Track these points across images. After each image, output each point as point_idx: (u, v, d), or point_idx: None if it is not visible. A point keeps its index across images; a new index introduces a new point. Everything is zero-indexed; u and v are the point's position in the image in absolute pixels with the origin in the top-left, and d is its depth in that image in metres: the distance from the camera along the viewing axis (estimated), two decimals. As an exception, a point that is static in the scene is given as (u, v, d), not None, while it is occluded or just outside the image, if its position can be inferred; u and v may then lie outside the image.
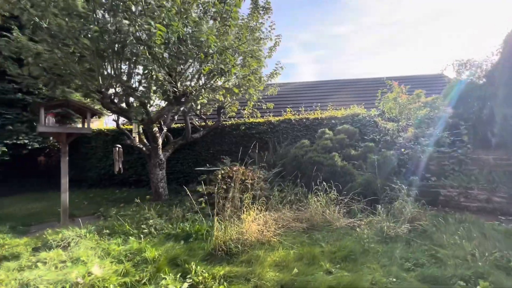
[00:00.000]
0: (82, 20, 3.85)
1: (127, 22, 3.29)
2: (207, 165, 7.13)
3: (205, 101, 5.36)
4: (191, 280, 2.51)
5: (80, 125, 9.38)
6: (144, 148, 6.53)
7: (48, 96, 7.56)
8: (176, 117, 7.39)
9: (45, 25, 3.68)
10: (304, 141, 6.15)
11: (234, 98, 7.77)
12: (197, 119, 8.78)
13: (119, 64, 4.49)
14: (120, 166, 5.89)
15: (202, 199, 5.07)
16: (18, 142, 7.21)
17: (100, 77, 4.64)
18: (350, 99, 10.26)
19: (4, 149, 6.99)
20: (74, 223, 5.11)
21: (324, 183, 4.47)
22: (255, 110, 8.68)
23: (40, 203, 6.64)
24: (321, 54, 43.52)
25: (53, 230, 4.16)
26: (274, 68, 7.60)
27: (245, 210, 3.72)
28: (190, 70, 4.75)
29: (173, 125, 8.68)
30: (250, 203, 4.51)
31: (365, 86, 11.48)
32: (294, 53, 40.21)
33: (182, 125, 8.69)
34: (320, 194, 4.25)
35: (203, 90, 4.71)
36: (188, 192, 5.04)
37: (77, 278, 2.54)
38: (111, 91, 5.33)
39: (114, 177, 8.78)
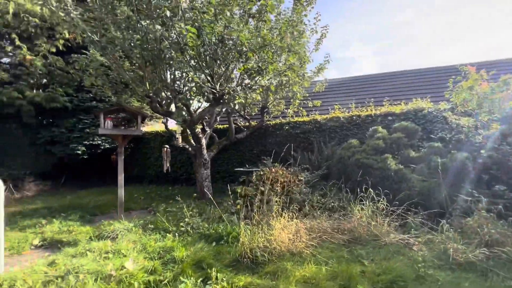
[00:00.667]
0: (130, 31, 4.20)
1: (159, 27, 3.43)
2: (246, 165, 7.07)
3: (242, 101, 5.27)
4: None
5: (145, 129, 10.53)
6: (189, 148, 6.86)
7: (117, 103, 8.70)
8: (218, 118, 7.54)
9: (107, 37, 4.16)
10: (352, 141, 5.51)
11: (278, 97, 7.54)
12: (241, 120, 8.84)
13: (161, 70, 4.75)
14: (168, 165, 6.30)
15: (239, 200, 5.00)
16: (94, 143, 8.46)
17: (147, 83, 5.00)
18: (412, 92, 8.89)
19: (84, 149, 8.28)
20: (129, 215, 5.67)
21: (372, 189, 3.86)
22: (301, 108, 8.27)
23: (108, 196, 7.63)
24: (383, 45, 39.48)
25: (109, 221, 4.67)
26: (320, 62, 7.10)
27: (275, 215, 3.46)
28: (230, 70, 4.71)
29: (219, 126, 8.96)
30: (284, 207, 4.24)
31: (431, 77, 9.78)
32: (353, 46, 37.45)
33: (227, 126, 8.89)
34: (366, 202, 3.67)
35: (238, 90, 4.62)
36: (229, 193, 5.07)
37: (111, 270, 2.71)
38: (162, 94, 5.76)
39: (168, 175, 9.54)
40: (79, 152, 8.23)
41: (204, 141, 6.56)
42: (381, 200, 3.64)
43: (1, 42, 7.20)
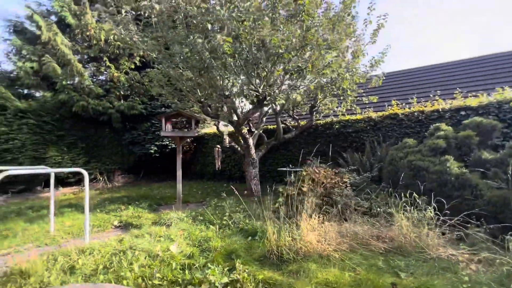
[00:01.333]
0: (183, 46, 4.82)
1: (200, 40, 3.85)
2: (290, 165, 7.07)
3: (283, 101, 5.33)
4: (233, 277, 2.61)
5: (204, 131, 11.63)
6: (239, 148, 7.31)
7: (181, 108, 9.92)
8: (264, 119, 7.75)
9: (163, 53, 4.90)
10: (406, 140, 4.92)
11: (328, 95, 7.28)
12: (290, 120, 8.85)
13: (210, 77, 5.25)
14: (219, 163, 6.87)
15: (280, 199, 5.09)
16: (163, 143, 9.85)
17: (198, 90, 5.60)
18: (495, 81, 7.25)
19: (155, 148, 9.74)
20: (186, 207, 6.45)
21: (427, 196, 3.41)
22: (354, 106, 7.76)
23: (173, 189, 8.78)
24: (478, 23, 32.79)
25: (168, 211, 5.43)
26: (375, 55, 6.52)
27: (305, 216, 3.44)
28: (269, 73, 4.87)
29: (270, 126, 9.19)
30: (322, 209, 4.14)
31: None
32: (433, 31, 32.48)
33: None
34: (411, 209, 3.28)
35: (277, 91, 4.71)
36: (279, 190, 5.24)
37: (158, 251, 3.22)
38: (212, 99, 6.34)
39: (224, 173, 10.33)
40: (152, 151, 9.72)
41: (251, 141, 6.89)
42: (430, 208, 3.19)
43: (98, 64, 9.15)
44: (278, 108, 6.85)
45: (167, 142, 10.02)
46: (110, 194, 7.81)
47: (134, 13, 4.50)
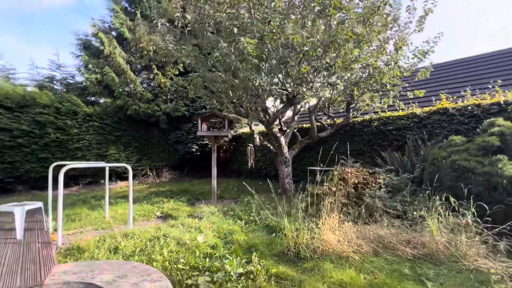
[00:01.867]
0: (213, 50, 5.14)
1: (225, 44, 4.06)
2: (320, 165, 6.87)
3: (312, 99, 5.23)
4: (248, 269, 2.74)
5: (242, 130, 12.04)
6: (271, 147, 7.40)
7: (219, 110, 10.46)
8: (296, 118, 7.66)
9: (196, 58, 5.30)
10: (453, 137, 4.39)
11: (366, 91, 6.88)
12: (326, 118, 8.59)
13: (240, 79, 5.46)
14: (252, 161, 7.08)
15: (308, 198, 5.03)
16: (203, 142, 10.51)
17: (230, 91, 5.87)
18: None
19: (197, 147, 10.46)
20: (221, 202, 6.81)
21: (473, 200, 3.03)
22: (397, 101, 7.16)
23: (211, 185, 9.33)
24: None
25: (203, 205, 5.84)
26: (421, 44, 5.92)
27: (326, 216, 3.37)
28: (296, 71, 4.85)
29: (305, 125, 9.06)
30: (350, 210, 4.00)
31: None
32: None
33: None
34: (446, 214, 2.95)
35: (304, 89, 4.66)
36: (308, 189, 5.23)
37: (186, 240, 3.54)
38: (243, 99, 6.57)
39: (261, 171, 10.54)
40: (194, 150, 10.46)
41: (283, 140, 6.91)
42: (468, 213, 2.82)
43: (148, 72, 10.22)
44: (312, 106, 6.74)
45: (207, 141, 10.66)
46: (157, 188, 8.68)
47: (168, 24, 4.96)
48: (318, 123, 8.35)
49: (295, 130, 8.66)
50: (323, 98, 7.47)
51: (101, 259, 3.06)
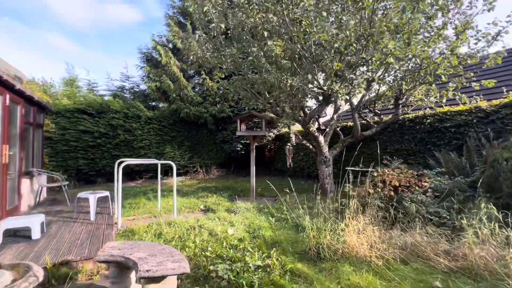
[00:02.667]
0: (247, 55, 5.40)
1: (255, 49, 4.22)
2: (361, 166, 6.46)
3: (347, 97, 4.99)
4: (266, 262, 2.89)
5: (286, 130, 12.08)
6: (310, 146, 7.31)
7: (261, 110, 10.75)
8: (335, 116, 7.36)
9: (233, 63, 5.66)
10: (521, 136, 3.69)
11: (417, 84, 6.22)
12: (372, 115, 8.02)
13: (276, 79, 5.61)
14: (290, 161, 7.12)
15: (342, 199, 4.85)
16: (247, 141, 10.95)
17: (266, 92, 6.06)
18: None
19: (241, 146, 10.97)
20: (260, 200, 7.06)
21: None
22: (459, 94, 6.23)
23: (242, 183, 9.69)
24: None
25: (242, 202, 6.18)
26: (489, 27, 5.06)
27: (351, 219, 3.26)
28: (329, 68, 4.74)
29: (350, 123, 8.62)
30: (387, 214, 3.77)
31: None
32: None
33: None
34: (491, 224, 2.55)
35: (336, 86, 4.50)
36: (345, 191, 5.11)
37: (218, 231, 3.88)
38: (280, 99, 6.67)
39: (303, 170, 10.45)
40: (238, 148, 11.00)
41: (321, 139, 6.77)
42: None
43: (198, 77, 11.16)
44: (355, 103, 6.43)
45: (257, 141, 11.07)
46: (205, 184, 9.46)
47: (204, 35, 5.41)
48: (363, 121, 7.87)
49: (337, 129, 8.33)
50: (367, 95, 7.04)
51: (147, 241, 3.61)
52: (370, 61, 4.37)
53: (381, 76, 4.69)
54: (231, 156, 11.96)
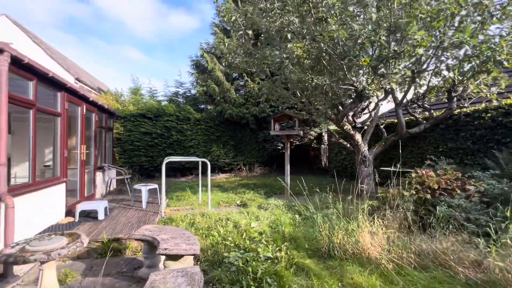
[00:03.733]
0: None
1: (277, 52, 4.34)
2: (397, 166, 5.92)
3: (378, 93, 4.68)
4: (276, 255, 3.07)
5: (333, 128, 11.76)
6: (348, 145, 7.04)
7: (281, 110, 10.71)
8: (373, 113, 6.88)
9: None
10: None
11: (475, 72, 5.45)
12: (420, 110, 7.23)
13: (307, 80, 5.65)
14: (325, 160, 7.00)
15: (371, 202, 4.61)
16: (290, 140, 11.06)
17: (298, 92, 6.14)
18: None
19: (282, 145, 11.13)
20: (294, 198, 7.15)
21: None
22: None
23: (294, 182, 9.74)
24: None
25: (275, 199, 6.40)
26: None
27: (363, 218, 3.17)
28: (356, 65, 4.56)
29: (395, 120, 7.93)
30: (412, 217, 3.54)
31: None
32: None
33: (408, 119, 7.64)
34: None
35: (364, 83, 4.29)
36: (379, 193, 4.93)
37: (242, 224, 4.20)
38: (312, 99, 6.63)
39: (346, 170, 10.02)
40: (279, 147, 11.19)
41: (358, 137, 6.46)
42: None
43: (241, 79, 11.73)
44: (411, 94, 5.99)
45: (291, 140, 11.14)
46: (246, 181, 9.96)
47: (236, 41, 5.76)
48: (411, 117, 7.17)
49: (381, 126, 7.77)
50: (413, 89, 6.42)
51: (181, 227, 4.17)
52: (401, 53, 4.07)
53: (431, 68, 4.27)
54: (273, 155, 12.22)
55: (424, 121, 6.66)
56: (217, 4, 5.54)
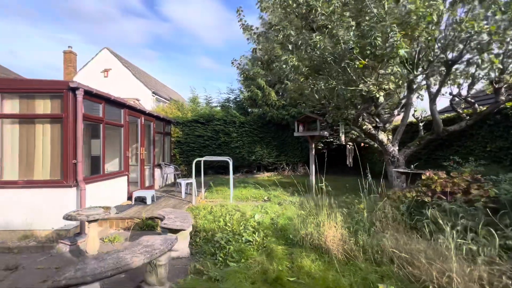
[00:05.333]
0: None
1: (277, 63, 4.79)
2: (404, 167, 5.45)
3: (380, 93, 4.54)
4: (254, 239, 3.67)
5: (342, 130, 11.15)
6: (375, 145, 6.80)
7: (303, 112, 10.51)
8: (396, 112, 6.41)
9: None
10: None
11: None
12: (465, 105, 6.34)
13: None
14: (350, 160, 6.94)
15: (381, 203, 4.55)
16: (327, 140, 11.05)
17: (315, 94, 6.41)
18: None
19: (322, 145, 11.18)
20: (319, 197, 7.34)
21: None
22: None
23: (329, 182, 9.69)
24: None
25: (298, 196, 6.82)
26: None
27: (327, 217, 3.42)
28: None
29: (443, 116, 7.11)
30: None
31: None
32: None
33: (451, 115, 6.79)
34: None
35: (361, 85, 4.31)
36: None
37: (247, 215, 4.91)
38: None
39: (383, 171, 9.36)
40: (319, 147, 11.25)
41: (383, 137, 6.23)
42: None
43: (279, 84, 12.29)
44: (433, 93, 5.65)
45: (331, 139, 11.04)
46: (284, 180, 10.49)
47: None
48: (453, 113, 6.39)
49: (421, 124, 7.10)
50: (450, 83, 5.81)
51: (201, 214, 5.16)
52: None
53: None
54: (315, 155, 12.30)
55: (467, 117, 5.88)
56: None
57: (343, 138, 7.08)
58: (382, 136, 6.24)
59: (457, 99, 6.18)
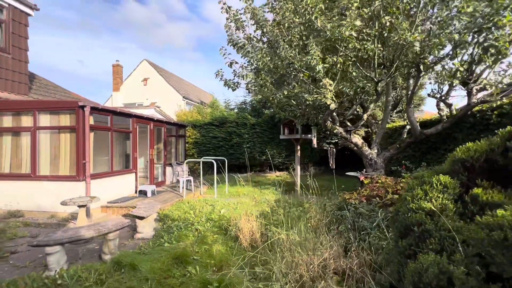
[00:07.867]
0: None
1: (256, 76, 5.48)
2: (356, 171, 5.46)
3: (331, 103, 4.81)
4: (209, 227, 4.47)
5: (314, 134, 10.80)
6: (355, 148, 6.91)
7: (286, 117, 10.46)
8: (365, 116, 6.37)
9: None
10: None
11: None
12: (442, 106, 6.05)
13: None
14: (332, 161, 7.17)
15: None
16: (332, 141, 11.13)
17: (295, 101, 6.88)
18: None
19: (327, 146, 11.28)
20: (305, 196, 7.72)
21: None
22: None
23: (328, 182, 9.83)
24: None
25: (280, 195, 7.37)
26: None
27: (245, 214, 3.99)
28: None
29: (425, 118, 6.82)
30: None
31: None
32: None
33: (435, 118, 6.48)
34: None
35: (306, 95, 4.68)
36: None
37: (216, 209, 5.72)
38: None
39: (391, 174, 9.12)
40: (325, 148, 11.39)
41: (357, 141, 6.36)
42: None
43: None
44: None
45: (337, 140, 11.07)
46: (288, 180, 10.96)
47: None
48: (437, 116, 6.16)
49: (408, 127, 6.92)
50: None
51: (183, 206, 6.15)
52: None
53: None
54: (322, 155, 12.40)
55: (445, 119, 5.68)
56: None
57: (314, 141, 7.31)
58: (356, 139, 6.39)
59: (436, 100, 5.96)
